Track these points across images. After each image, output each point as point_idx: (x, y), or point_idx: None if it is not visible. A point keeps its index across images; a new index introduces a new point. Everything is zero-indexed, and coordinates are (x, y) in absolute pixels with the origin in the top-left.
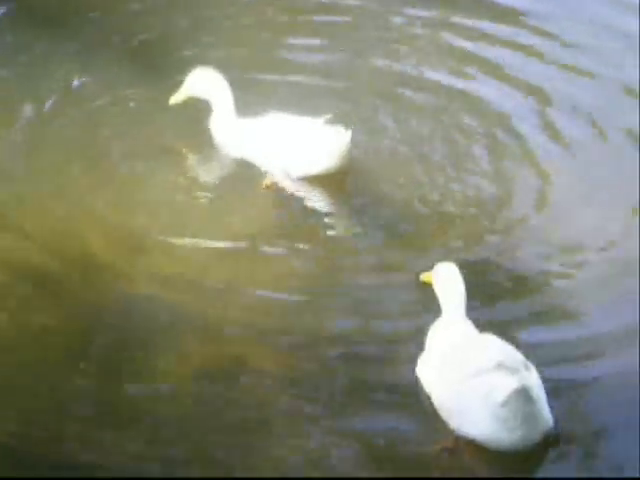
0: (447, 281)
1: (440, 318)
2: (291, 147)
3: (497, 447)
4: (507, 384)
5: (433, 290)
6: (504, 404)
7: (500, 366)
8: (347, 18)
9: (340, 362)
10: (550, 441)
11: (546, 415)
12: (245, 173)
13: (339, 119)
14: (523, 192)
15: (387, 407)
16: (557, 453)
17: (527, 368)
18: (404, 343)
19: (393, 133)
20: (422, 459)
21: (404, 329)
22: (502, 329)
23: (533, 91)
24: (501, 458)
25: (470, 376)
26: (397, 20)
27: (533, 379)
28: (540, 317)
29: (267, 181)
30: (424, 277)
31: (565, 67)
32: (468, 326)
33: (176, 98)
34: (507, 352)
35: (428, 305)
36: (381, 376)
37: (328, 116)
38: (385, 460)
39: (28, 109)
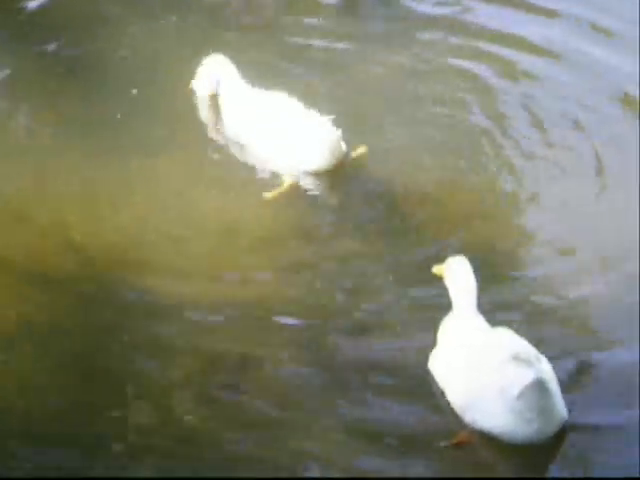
0: (458, 275)
1: (451, 312)
2: (285, 146)
3: (512, 440)
4: (523, 377)
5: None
6: (520, 397)
7: (515, 359)
8: None
9: (349, 354)
10: (564, 434)
11: (561, 408)
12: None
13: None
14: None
15: (399, 401)
16: (571, 446)
17: (540, 361)
18: (414, 337)
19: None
20: (435, 454)
21: (414, 323)
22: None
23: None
24: (514, 453)
25: (485, 369)
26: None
27: (547, 372)
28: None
29: (286, 183)
30: (436, 270)
31: None
32: (480, 320)
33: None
34: (521, 345)
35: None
36: (392, 370)
37: (331, 117)
38: (397, 455)
39: None
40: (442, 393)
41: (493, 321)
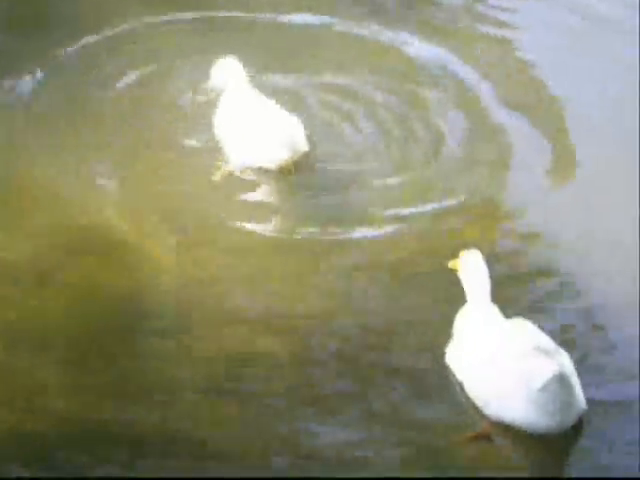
0: (473, 268)
1: (466, 306)
2: (248, 137)
3: (533, 432)
4: (545, 369)
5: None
6: (543, 389)
7: (537, 351)
8: None
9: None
10: (583, 425)
11: (580, 398)
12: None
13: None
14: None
15: (413, 394)
16: (589, 438)
17: (559, 353)
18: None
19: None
20: (454, 447)
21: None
22: None
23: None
24: (534, 444)
25: (506, 361)
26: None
27: (567, 363)
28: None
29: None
30: (452, 264)
31: None
32: (495, 312)
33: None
34: (541, 337)
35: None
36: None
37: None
38: (415, 448)
39: None
40: (461, 386)
41: None
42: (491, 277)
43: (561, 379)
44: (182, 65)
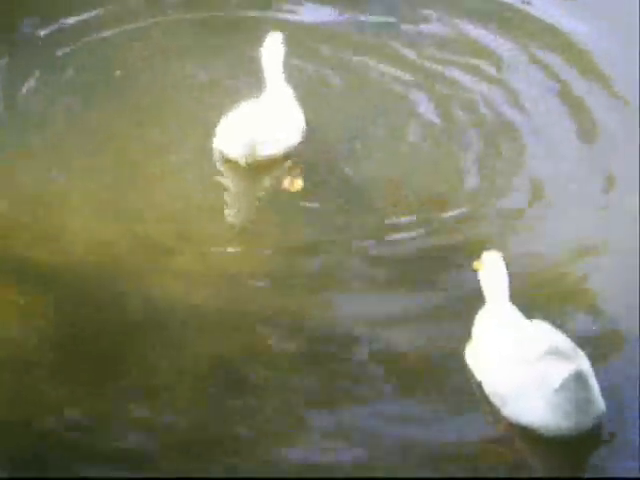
0: (492, 269)
1: (485, 307)
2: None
3: (551, 433)
4: (563, 370)
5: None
6: (560, 389)
7: (555, 352)
8: None
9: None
10: (601, 428)
11: (598, 401)
12: None
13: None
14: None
15: (433, 395)
16: (607, 441)
17: (578, 355)
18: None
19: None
20: (471, 447)
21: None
22: None
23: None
24: (551, 446)
25: (524, 362)
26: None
27: (586, 365)
28: None
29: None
30: (476, 265)
31: None
32: (515, 313)
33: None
34: (559, 338)
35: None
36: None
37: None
38: (432, 447)
39: None
40: (479, 386)
41: None
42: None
43: (579, 379)
44: None
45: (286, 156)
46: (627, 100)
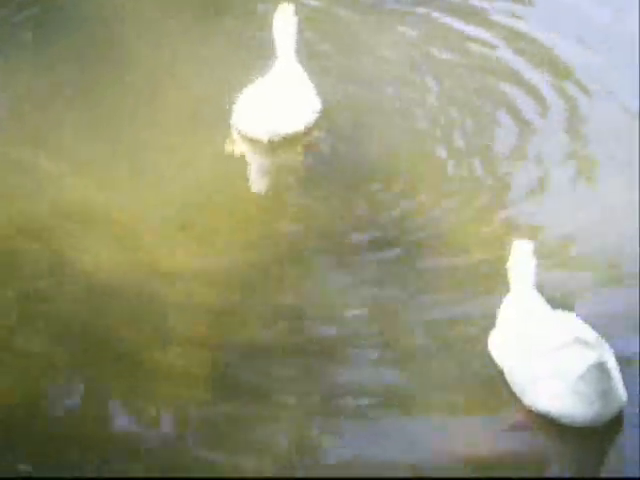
0: (521, 257)
1: (510, 294)
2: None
3: (571, 422)
4: (586, 358)
5: None
6: (582, 378)
7: (578, 341)
8: None
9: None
10: (622, 418)
11: (621, 392)
12: None
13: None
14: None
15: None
16: (627, 431)
17: (602, 345)
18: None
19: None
20: (492, 436)
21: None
22: None
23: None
24: (571, 435)
25: (547, 350)
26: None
27: (609, 355)
28: None
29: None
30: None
31: None
32: (540, 302)
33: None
34: (583, 328)
35: None
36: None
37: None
38: (452, 437)
39: None
40: (501, 374)
41: None
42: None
43: (601, 368)
44: None
45: (306, 132)
46: None
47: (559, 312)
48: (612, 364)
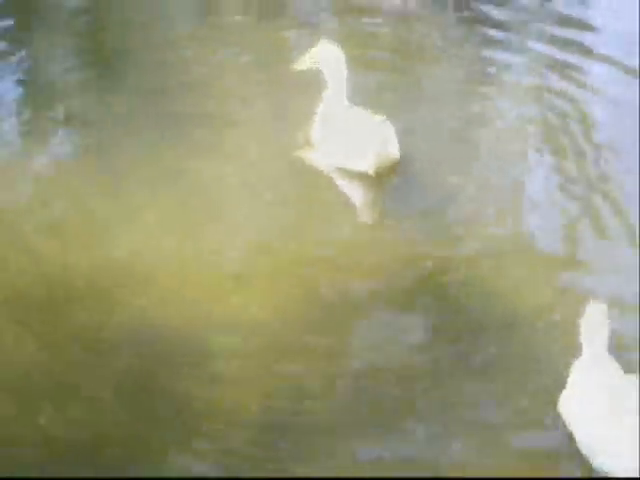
0: (594, 319)
1: (582, 356)
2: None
3: None
4: None
5: None
6: None
7: None
8: None
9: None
10: None
11: None
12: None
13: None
14: None
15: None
16: None
17: None
18: None
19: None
20: None
21: None
22: None
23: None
24: None
25: (620, 415)
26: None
27: None
28: None
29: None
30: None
31: None
32: (613, 365)
33: (300, 65)
34: None
35: None
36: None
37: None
38: None
39: None
40: (570, 435)
41: None
42: None
43: None
44: None
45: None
46: None
47: (631, 376)
48: None
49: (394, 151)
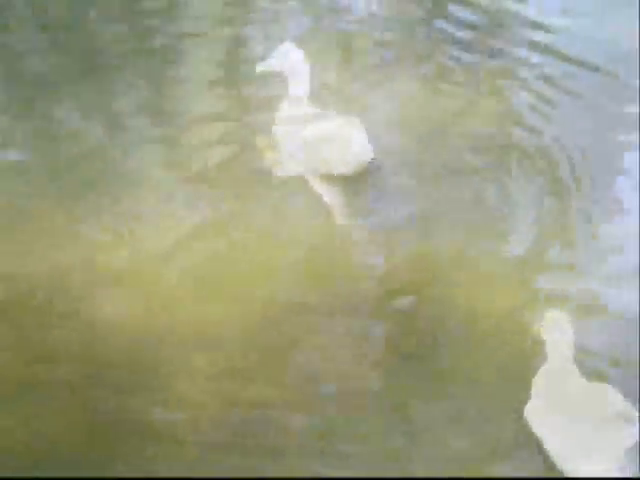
0: (556, 329)
1: (546, 364)
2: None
3: None
4: (630, 434)
5: None
6: (628, 453)
7: (620, 416)
8: None
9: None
10: None
11: None
12: None
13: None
14: None
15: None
16: None
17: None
18: None
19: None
20: None
21: None
22: None
23: None
24: None
25: (590, 424)
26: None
27: None
28: None
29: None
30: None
31: None
32: (576, 373)
33: (262, 67)
34: (622, 402)
35: None
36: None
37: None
38: None
39: None
40: (539, 443)
41: None
42: None
43: None
44: None
45: None
46: None
47: (595, 384)
48: None
49: (365, 151)
